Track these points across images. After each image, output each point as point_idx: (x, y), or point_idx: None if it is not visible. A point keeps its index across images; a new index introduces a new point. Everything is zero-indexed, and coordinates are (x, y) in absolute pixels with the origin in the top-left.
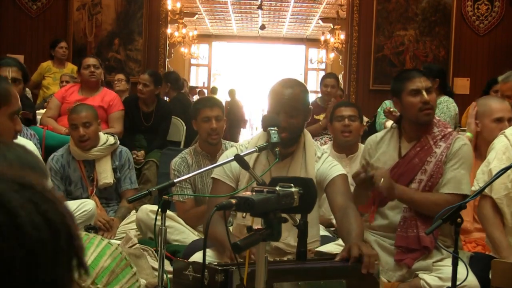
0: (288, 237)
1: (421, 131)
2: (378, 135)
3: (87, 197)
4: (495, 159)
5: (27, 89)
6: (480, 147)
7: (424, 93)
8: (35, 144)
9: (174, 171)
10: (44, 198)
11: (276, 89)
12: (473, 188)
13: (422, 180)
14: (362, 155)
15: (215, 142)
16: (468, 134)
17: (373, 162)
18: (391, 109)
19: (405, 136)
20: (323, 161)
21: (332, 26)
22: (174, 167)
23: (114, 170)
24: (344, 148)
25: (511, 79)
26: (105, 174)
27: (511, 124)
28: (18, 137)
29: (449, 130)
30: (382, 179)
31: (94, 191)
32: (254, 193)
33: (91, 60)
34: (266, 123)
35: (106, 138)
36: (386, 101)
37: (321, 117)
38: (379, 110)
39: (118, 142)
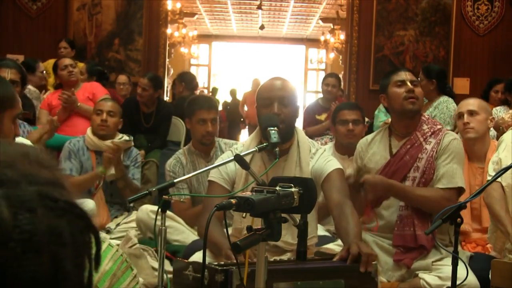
0: (286, 235)
1: (410, 127)
2: (369, 137)
3: (94, 188)
4: (505, 149)
5: (28, 87)
6: (465, 148)
7: (408, 83)
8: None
9: (169, 172)
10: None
11: (266, 83)
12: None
13: (415, 178)
14: (354, 158)
15: (209, 143)
16: None
17: (365, 163)
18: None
19: (395, 134)
20: (318, 156)
21: (332, 26)
22: (169, 168)
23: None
24: (347, 150)
25: None
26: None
27: (473, 115)
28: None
29: (439, 126)
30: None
31: (101, 184)
32: (254, 193)
33: (66, 61)
34: (266, 123)
35: (121, 136)
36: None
37: (322, 117)
38: (376, 113)
39: (133, 143)
